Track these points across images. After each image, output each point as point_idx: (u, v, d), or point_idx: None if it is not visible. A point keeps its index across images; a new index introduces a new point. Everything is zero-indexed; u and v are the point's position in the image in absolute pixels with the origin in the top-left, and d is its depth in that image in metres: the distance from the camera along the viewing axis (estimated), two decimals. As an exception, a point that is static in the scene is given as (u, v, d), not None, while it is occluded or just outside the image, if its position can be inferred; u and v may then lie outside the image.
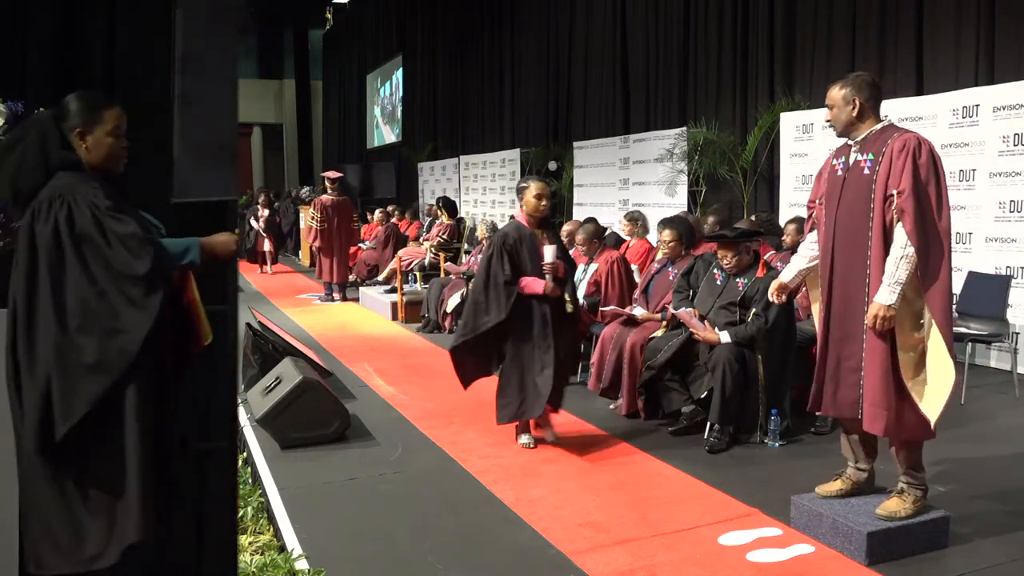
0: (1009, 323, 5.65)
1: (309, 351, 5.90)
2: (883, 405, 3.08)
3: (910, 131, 3.17)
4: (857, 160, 3.19)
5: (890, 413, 3.07)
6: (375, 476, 4.10)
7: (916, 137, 3.09)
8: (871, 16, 7.76)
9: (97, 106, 2.30)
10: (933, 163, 3.05)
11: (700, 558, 3.13)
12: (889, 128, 3.19)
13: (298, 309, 9.79)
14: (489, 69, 15.85)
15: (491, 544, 3.31)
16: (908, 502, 3.16)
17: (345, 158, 24.37)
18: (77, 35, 2.82)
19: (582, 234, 6.11)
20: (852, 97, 3.19)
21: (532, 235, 4.44)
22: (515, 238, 4.41)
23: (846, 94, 3.21)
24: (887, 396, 3.07)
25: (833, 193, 3.25)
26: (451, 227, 9.98)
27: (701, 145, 9.26)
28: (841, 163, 3.27)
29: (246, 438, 4.58)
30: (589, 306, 5.86)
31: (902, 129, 3.19)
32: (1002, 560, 3.05)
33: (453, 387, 5.90)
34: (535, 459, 4.32)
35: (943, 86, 6.84)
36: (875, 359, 3.10)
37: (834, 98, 3.24)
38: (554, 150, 12.92)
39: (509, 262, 4.33)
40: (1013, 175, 5.92)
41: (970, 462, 4.12)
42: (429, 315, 8.20)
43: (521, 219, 4.50)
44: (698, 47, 10.10)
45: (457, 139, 17.34)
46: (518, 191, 4.55)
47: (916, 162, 3.03)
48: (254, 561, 3.11)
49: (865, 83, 3.22)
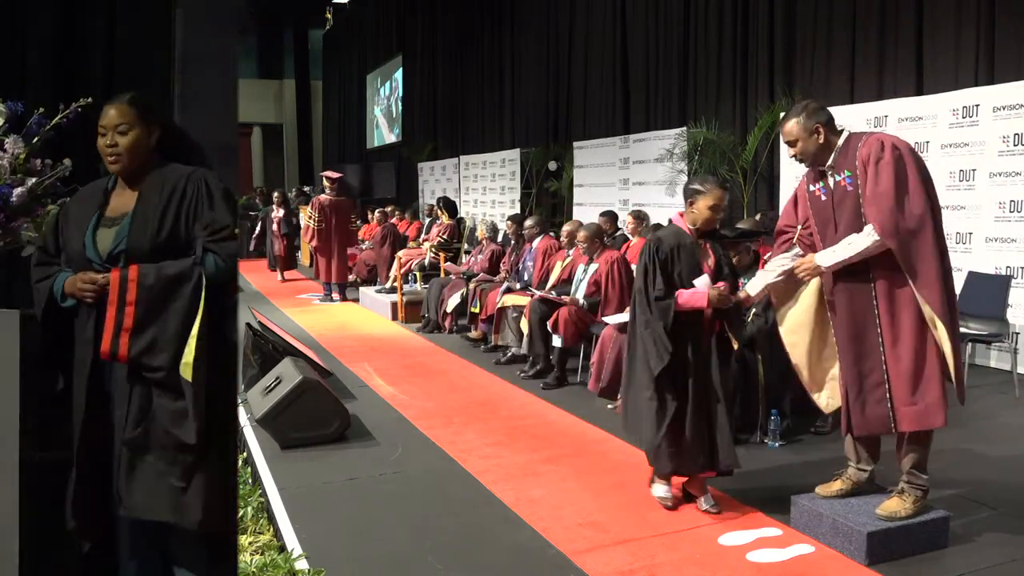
0: (1009, 323, 5.65)
1: (309, 351, 5.90)
2: (908, 401, 3.06)
3: (871, 133, 3.16)
4: (837, 181, 3.17)
5: (918, 404, 3.05)
6: (375, 476, 4.10)
7: (877, 139, 3.08)
8: (871, 16, 7.75)
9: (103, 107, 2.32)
10: (895, 159, 3.00)
11: (700, 558, 3.13)
12: (851, 139, 3.16)
13: (298, 309, 9.79)
14: (489, 69, 15.85)
15: (491, 544, 3.31)
16: (908, 502, 3.15)
17: (345, 158, 24.38)
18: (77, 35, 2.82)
19: (583, 233, 6.11)
20: (813, 126, 3.17)
21: (694, 246, 3.58)
22: (671, 246, 3.55)
23: (806, 124, 3.17)
24: (912, 388, 3.05)
25: (826, 219, 3.21)
26: (451, 227, 9.98)
27: (701, 145, 9.26)
28: (821, 188, 3.24)
29: (246, 438, 4.58)
30: (589, 306, 5.87)
31: (861, 134, 3.18)
32: (1002, 560, 3.05)
33: (453, 387, 5.92)
34: (535, 459, 4.32)
35: (943, 86, 6.84)
36: (899, 357, 3.06)
37: (794, 132, 3.20)
38: (554, 150, 12.92)
39: (662, 274, 3.50)
40: (1013, 175, 5.92)
41: (970, 462, 4.12)
42: (429, 315, 8.20)
43: (682, 224, 3.63)
44: (698, 47, 10.10)
45: (457, 139, 17.34)
46: (688, 193, 3.60)
47: (877, 166, 3.02)
48: (254, 561, 3.10)
49: (816, 108, 3.21)
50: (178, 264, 2.21)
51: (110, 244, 2.27)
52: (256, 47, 26.40)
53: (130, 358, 2.16)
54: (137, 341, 2.16)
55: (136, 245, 2.24)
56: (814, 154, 3.19)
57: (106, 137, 2.29)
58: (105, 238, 2.28)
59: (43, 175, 2.66)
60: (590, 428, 4.85)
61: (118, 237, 2.26)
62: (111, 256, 2.26)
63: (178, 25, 2.48)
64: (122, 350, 2.15)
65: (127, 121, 2.28)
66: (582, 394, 5.52)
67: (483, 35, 16.07)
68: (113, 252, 2.26)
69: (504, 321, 6.77)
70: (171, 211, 2.25)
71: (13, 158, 2.60)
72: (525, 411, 5.27)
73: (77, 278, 2.23)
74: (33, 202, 2.64)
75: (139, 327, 2.16)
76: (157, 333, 2.16)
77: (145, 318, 2.16)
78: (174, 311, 2.16)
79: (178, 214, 2.25)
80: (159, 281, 2.18)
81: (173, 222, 2.25)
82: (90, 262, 2.27)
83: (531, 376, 6.06)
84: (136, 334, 2.16)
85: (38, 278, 2.33)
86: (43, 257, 2.36)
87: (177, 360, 2.15)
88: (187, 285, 2.18)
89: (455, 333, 7.84)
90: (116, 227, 2.28)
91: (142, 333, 2.16)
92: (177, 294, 2.17)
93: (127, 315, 2.16)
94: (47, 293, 2.29)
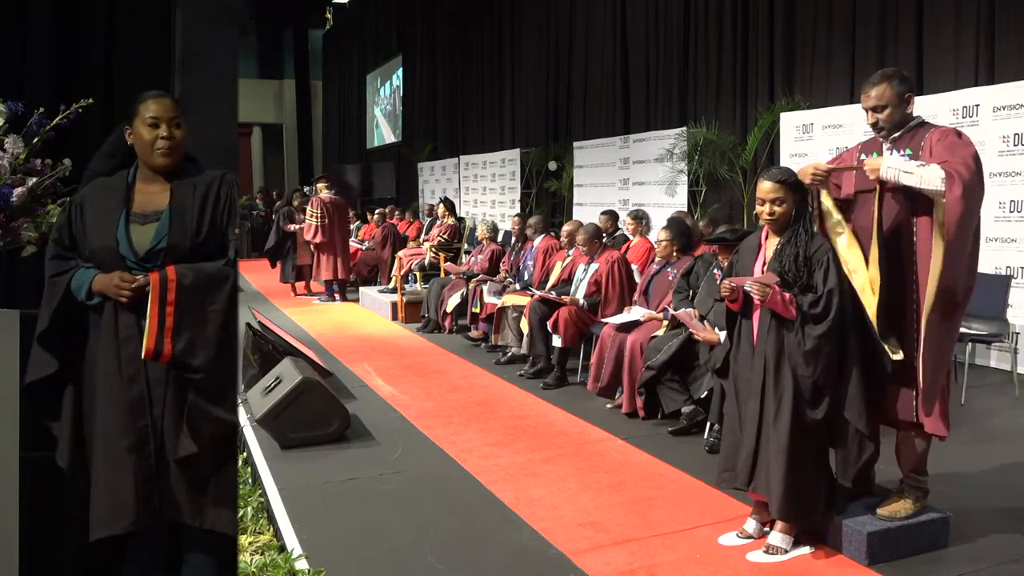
0: (1009, 323, 5.65)
1: (309, 351, 5.90)
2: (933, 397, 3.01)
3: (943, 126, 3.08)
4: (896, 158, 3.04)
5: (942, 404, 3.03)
6: (375, 476, 4.10)
7: (955, 129, 3.00)
8: (871, 16, 7.75)
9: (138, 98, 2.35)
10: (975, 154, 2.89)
11: (700, 558, 3.13)
12: (925, 124, 3.08)
13: (298, 309, 9.79)
14: (489, 69, 15.85)
15: (491, 544, 3.31)
16: (909, 502, 3.15)
17: (345, 158, 24.39)
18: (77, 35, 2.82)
19: (583, 234, 6.11)
20: (905, 93, 3.04)
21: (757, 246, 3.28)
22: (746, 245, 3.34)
23: (898, 90, 3.03)
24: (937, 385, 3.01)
25: (869, 195, 3.08)
26: (452, 227, 9.99)
27: (701, 145, 9.27)
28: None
29: (246, 438, 4.58)
30: (589, 306, 5.87)
31: (935, 125, 3.09)
32: (1002, 560, 3.05)
33: (453, 387, 5.92)
34: (535, 459, 4.32)
35: (943, 86, 6.84)
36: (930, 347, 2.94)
37: (886, 97, 3.03)
38: (554, 150, 12.92)
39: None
40: (1013, 175, 5.92)
41: (970, 462, 4.12)
42: (429, 315, 8.20)
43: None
44: (698, 47, 10.10)
45: (457, 139, 17.34)
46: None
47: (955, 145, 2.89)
48: (254, 561, 3.10)
49: (905, 76, 3.08)
50: (214, 266, 2.24)
51: (149, 241, 2.27)
52: (256, 47, 26.37)
53: (173, 357, 2.18)
54: (179, 341, 2.18)
55: (176, 243, 2.25)
56: (898, 123, 3.06)
57: (159, 128, 2.31)
58: (141, 235, 2.29)
59: (43, 175, 2.66)
60: (590, 428, 4.85)
61: (158, 235, 2.27)
62: (150, 253, 2.26)
63: (178, 25, 2.49)
64: (166, 349, 2.17)
65: (180, 116, 2.33)
66: (582, 394, 5.52)
67: (483, 35, 16.08)
68: (153, 249, 2.26)
69: (504, 321, 6.77)
70: (208, 212, 2.28)
71: (13, 158, 2.60)
72: (525, 411, 5.27)
73: (113, 276, 2.23)
74: (33, 202, 2.64)
75: (179, 327, 2.17)
76: (196, 334, 2.18)
77: (185, 318, 2.18)
78: (212, 313, 2.20)
79: (214, 215, 2.29)
80: (198, 282, 2.21)
81: (210, 222, 2.28)
82: (123, 259, 2.27)
83: (531, 376, 6.06)
84: (177, 334, 2.17)
85: (54, 272, 2.32)
86: (58, 251, 2.35)
87: (213, 360, 2.18)
88: (224, 287, 2.21)
89: (455, 333, 7.84)
90: (152, 224, 2.29)
91: (182, 333, 2.18)
92: (215, 296, 2.20)
93: (168, 315, 2.17)
94: (64, 288, 2.29)
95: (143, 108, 2.33)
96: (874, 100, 3.06)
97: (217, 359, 2.18)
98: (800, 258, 3.01)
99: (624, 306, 5.62)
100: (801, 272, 3.00)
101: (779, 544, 3.12)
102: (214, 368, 2.18)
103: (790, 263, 3.03)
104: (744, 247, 3.30)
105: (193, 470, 2.20)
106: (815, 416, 3.02)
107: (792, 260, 3.02)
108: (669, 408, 4.79)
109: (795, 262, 3.02)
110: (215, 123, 2.46)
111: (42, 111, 2.61)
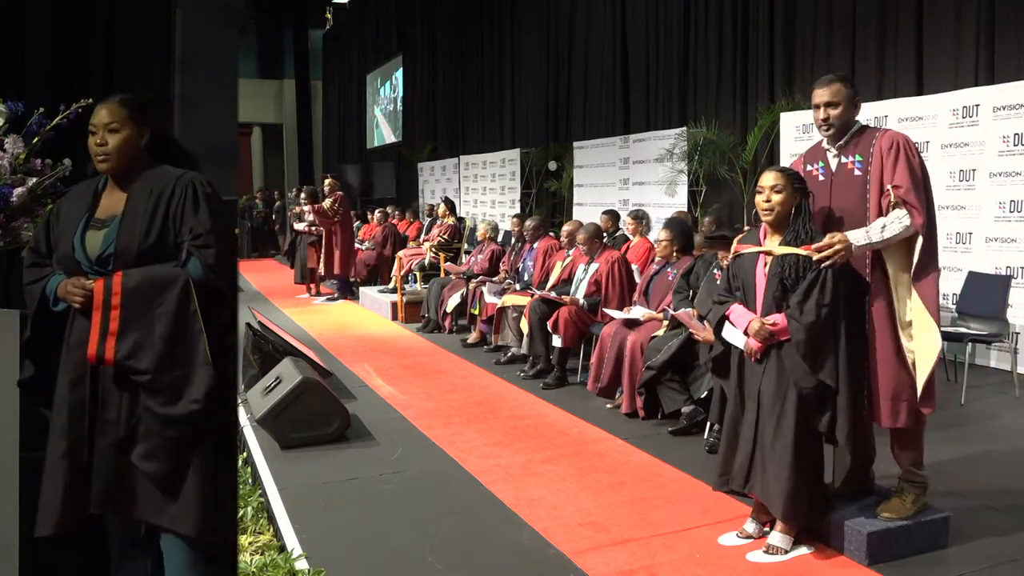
0: (1009, 323, 5.65)
1: (309, 351, 5.90)
2: (900, 397, 3.04)
3: (888, 129, 3.14)
4: (843, 163, 3.12)
5: (909, 403, 3.05)
6: (375, 476, 4.10)
7: (899, 134, 3.06)
8: (871, 16, 7.76)
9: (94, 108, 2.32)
10: (921, 159, 3.04)
11: (700, 558, 3.13)
12: (867, 129, 3.14)
13: (298, 309, 9.79)
14: (489, 69, 15.85)
15: (491, 544, 3.31)
16: (908, 502, 3.15)
17: (345, 158, 24.37)
18: (77, 35, 2.82)
19: (583, 234, 6.11)
20: (855, 96, 3.12)
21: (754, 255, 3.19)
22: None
23: (849, 92, 3.10)
24: (901, 387, 3.03)
25: (819, 201, 3.16)
26: (452, 227, 9.99)
27: (701, 145, 9.27)
28: (820, 168, 3.19)
29: (246, 438, 4.58)
30: (589, 306, 5.87)
31: (877, 128, 3.15)
32: (1002, 560, 3.05)
33: (453, 387, 5.92)
34: (535, 459, 4.32)
35: (943, 86, 6.84)
36: (886, 352, 3.03)
37: (840, 95, 3.08)
38: (554, 150, 12.92)
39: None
40: (1013, 175, 5.92)
41: (970, 462, 4.12)
42: (429, 315, 8.20)
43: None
44: (698, 47, 10.10)
45: (457, 139, 17.34)
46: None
47: (910, 162, 2.99)
48: (254, 561, 3.10)
49: (852, 82, 3.16)
50: (163, 269, 2.21)
51: (99, 247, 2.26)
52: (256, 47, 26.36)
53: (116, 361, 2.16)
54: (123, 345, 2.16)
55: (124, 248, 2.23)
56: (845, 124, 3.10)
57: (96, 136, 2.27)
58: (94, 240, 2.28)
59: (43, 175, 2.67)
60: (590, 428, 4.85)
61: (107, 240, 2.26)
62: (100, 259, 2.25)
63: (178, 25, 2.49)
64: (108, 353, 2.16)
65: (117, 120, 2.27)
66: (582, 394, 5.52)
67: (483, 35, 16.07)
68: (102, 255, 2.25)
69: (504, 321, 6.77)
70: (159, 215, 2.24)
71: (13, 158, 2.61)
72: (525, 411, 5.27)
73: (68, 282, 2.23)
74: (33, 202, 2.65)
75: (124, 331, 2.16)
76: (142, 337, 2.16)
77: (130, 322, 2.16)
78: (159, 315, 2.17)
79: (166, 218, 2.24)
80: (143, 286, 2.18)
81: (161, 226, 2.24)
82: (79, 264, 2.27)
83: (531, 376, 6.06)
84: (121, 338, 2.16)
85: (29, 280, 2.33)
86: (35, 258, 2.35)
87: (163, 363, 2.15)
88: (172, 290, 2.18)
89: (455, 333, 7.84)
90: (105, 230, 2.27)
91: (127, 337, 2.16)
92: (162, 299, 2.17)
93: (112, 319, 2.16)
94: (39, 295, 2.29)
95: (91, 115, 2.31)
96: (828, 96, 3.10)
97: (168, 360, 2.15)
98: (801, 260, 3.01)
99: (624, 306, 5.62)
100: (801, 275, 3.00)
101: (779, 544, 3.12)
102: (164, 369, 2.14)
103: (790, 265, 3.02)
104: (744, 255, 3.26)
105: (150, 469, 2.16)
106: (818, 423, 3.02)
107: (792, 262, 3.02)
108: (669, 408, 4.79)
109: (796, 264, 3.02)
110: (215, 123, 2.46)
111: (42, 111, 2.61)
